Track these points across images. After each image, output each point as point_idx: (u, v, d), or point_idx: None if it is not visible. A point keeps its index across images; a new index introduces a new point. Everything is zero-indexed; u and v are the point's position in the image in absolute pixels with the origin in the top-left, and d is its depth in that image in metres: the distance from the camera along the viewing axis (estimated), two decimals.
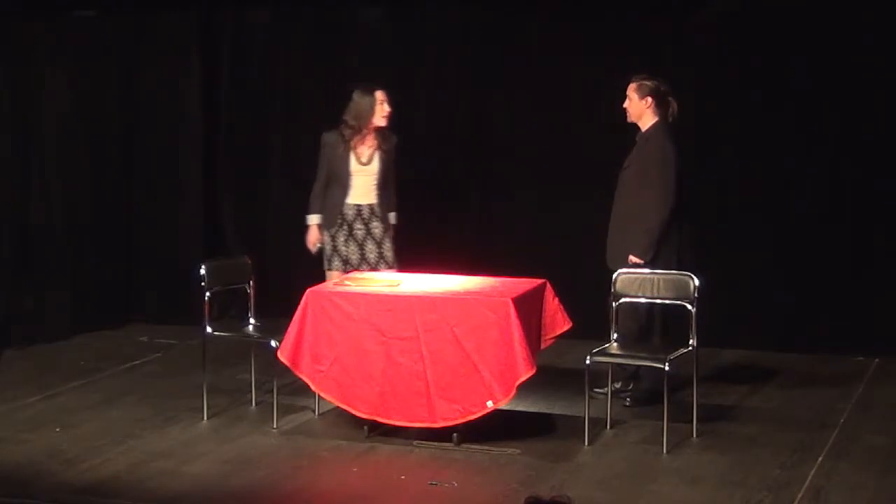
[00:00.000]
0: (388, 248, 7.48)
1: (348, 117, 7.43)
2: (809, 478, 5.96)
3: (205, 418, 7.01)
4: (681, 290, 6.64)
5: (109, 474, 6.10)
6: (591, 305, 7.12)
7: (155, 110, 9.55)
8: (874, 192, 8.25)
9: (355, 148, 7.44)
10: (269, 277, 8.28)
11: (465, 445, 6.41)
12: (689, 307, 6.58)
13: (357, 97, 7.43)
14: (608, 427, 6.68)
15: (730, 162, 8.48)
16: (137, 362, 8.40)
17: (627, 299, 6.79)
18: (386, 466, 6.23)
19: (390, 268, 7.43)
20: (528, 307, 6.51)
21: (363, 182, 7.45)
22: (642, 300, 6.81)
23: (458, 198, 9.03)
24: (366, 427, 6.56)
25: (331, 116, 9.15)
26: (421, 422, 6.41)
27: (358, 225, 7.46)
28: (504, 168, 8.97)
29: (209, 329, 7.07)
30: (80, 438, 6.67)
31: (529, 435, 6.61)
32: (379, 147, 7.45)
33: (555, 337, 6.80)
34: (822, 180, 8.33)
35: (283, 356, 6.61)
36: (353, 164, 7.44)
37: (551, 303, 6.76)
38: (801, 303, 8.37)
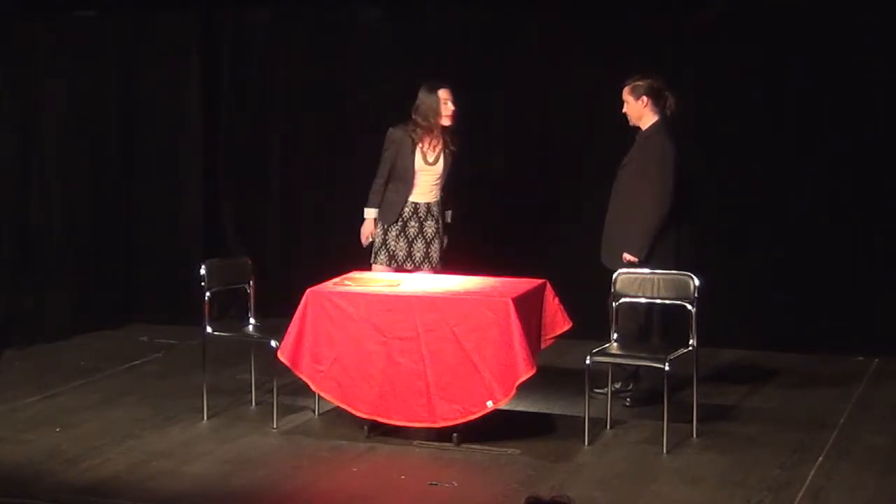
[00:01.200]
0: (435, 249, 7.46)
1: (417, 116, 7.36)
2: (809, 478, 5.96)
3: (205, 418, 7.01)
4: (681, 290, 6.64)
5: (109, 474, 6.10)
6: (591, 305, 7.11)
7: (155, 110, 9.54)
8: (874, 192, 8.24)
9: (423, 147, 7.39)
10: (269, 277, 8.28)
11: (465, 445, 6.41)
12: (689, 307, 6.58)
13: (422, 96, 7.37)
14: (608, 427, 6.68)
15: (730, 162, 8.48)
16: (137, 362, 8.40)
17: (627, 299, 6.79)
18: (386, 466, 6.23)
19: (434, 269, 7.41)
20: (528, 307, 6.51)
21: (426, 181, 7.42)
22: (642, 300, 6.81)
23: (458, 197, 9.02)
24: (366, 427, 6.56)
25: (331, 117, 9.19)
26: (421, 422, 6.41)
27: (412, 223, 7.44)
28: (504, 168, 8.96)
29: (209, 329, 7.07)
30: (80, 438, 6.67)
31: (529, 435, 6.61)
32: (445, 147, 7.40)
33: (555, 337, 6.80)
34: (822, 180, 8.33)
35: (283, 356, 6.61)
36: (419, 162, 7.39)
37: (551, 303, 6.76)
38: (801, 303, 8.36)
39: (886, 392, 7.52)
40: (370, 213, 7.51)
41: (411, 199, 7.43)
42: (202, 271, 7.02)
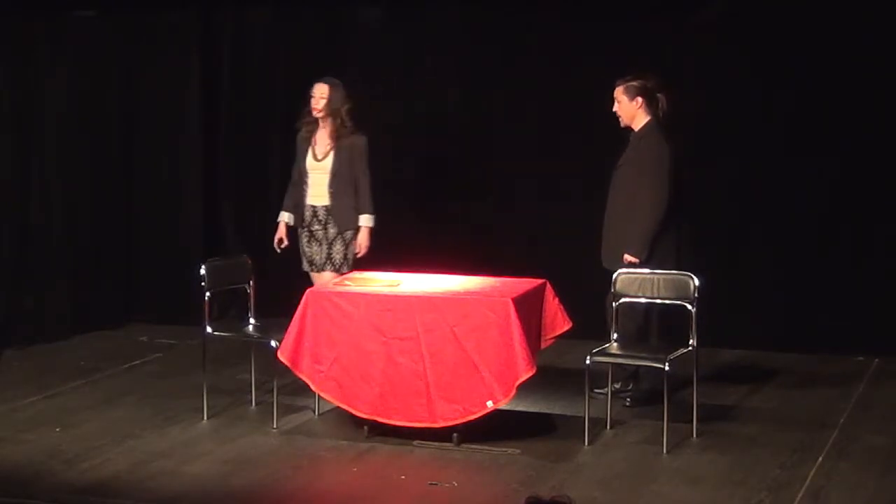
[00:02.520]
0: (337, 250, 7.49)
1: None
2: (809, 478, 5.96)
3: (205, 418, 7.01)
4: (681, 290, 6.64)
5: (109, 474, 6.10)
6: (591, 305, 7.12)
7: (155, 110, 9.54)
8: (874, 191, 8.24)
9: (314, 145, 7.52)
10: (269, 277, 8.27)
11: (465, 445, 6.41)
12: (689, 307, 6.58)
13: None
14: (608, 427, 6.68)
15: (730, 162, 8.48)
16: (137, 362, 8.40)
17: (627, 299, 6.78)
18: (386, 466, 6.23)
19: (336, 271, 7.46)
20: (528, 307, 6.51)
21: (319, 181, 7.51)
22: (642, 300, 6.81)
23: (458, 198, 9.03)
24: (366, 427, 6.56)
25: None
26: (421, 422, 6.40)
27: (316, 226, 7.53)
28: (504, 168, 8.96)
29: (209, 329, 7.07)
30: (80, 438, 6.67)
31: (529, 435, 6.61)
32: (336, 145, 7.46)
33: (555, 337, 6.80)
34: (822, 180, 8.32)
35: (283, 356, 6.61)
36: (310, 160, 7.54)
37: (551, 303, 6.75)
38: (801, 303, 8.37)
39: (886, 392, 7.52)
40: (281, 217, 7.67)
41: (308, 201, 7.54)
42: (202, 271, 7.02)
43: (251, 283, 7.33)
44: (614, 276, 6.79)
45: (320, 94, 7.46)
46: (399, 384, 6.41)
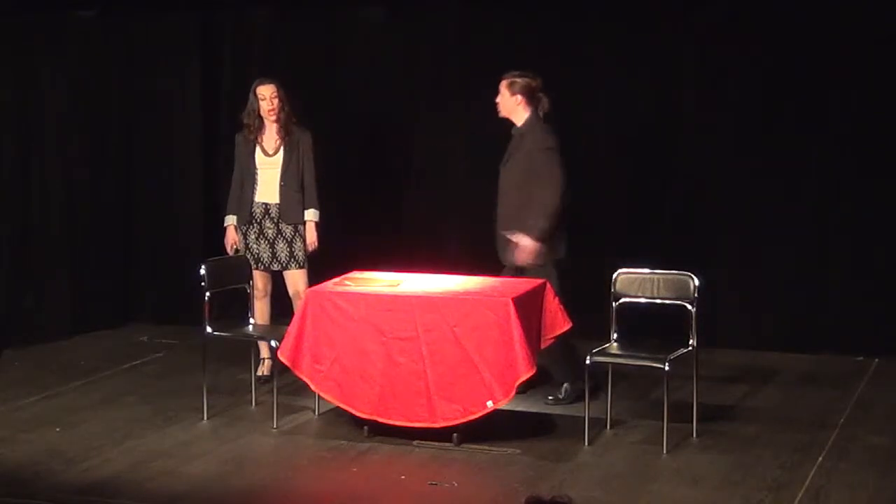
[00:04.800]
0: (299, 247, 7.54)
1: (244, 116, 7.61)
2: (809, 478, 5.96)
3: (205, 418, 7.01)
4: (681, 290, 6.64)
5: (109, 474, 6.10)
6: (592, 305, 7.11)
7: (155, 110, 9.54)
8: (874, 191, 8.23)
9: (260, 143, 7.57)
10: None
11: (465, 445, 6.41)
12: (689, 307, 6.58)
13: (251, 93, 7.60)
14: (608, 427, 6.68)
15: (729, 161, 8.47)
16: (137, 362, 8.40)
17: (627, 299, 6.78)
18: (386, 466, 6.23)
19: (301, 267, 7.51)
20: (528, 307, 6.51)
21: (270, 177, 7.55)
22: (641, 300, 6.79)
23: (459, 197, 9.02)
24: (366, 427, 6.56)
25: (331, 116, 9.17)
26: (421, 422, 6.41)
27: (268, 224, 7.55)
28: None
29: (209, 329, 7.07)
30: (80, 438, 6.67)
31: (529, 435, 6.61)
32: (287, 140, 7.53)
33: (555, 337, 6.79)
34: (823, 180, 8.32)
35: (283, 356, 6.62)
36: (259, 157, 7.59)
37: (551, 303, 6.75)
38: (801, 303, 8.36)
39: (886, 392, 7.51)
40: (228, 221, 7.67)
41: (259, 199, 7.56)
42: (202, 271, 7.02)
43: (251, 283, 7.34)
44: (614, 275, 6.78)
45: (271, 94, 7.52)
46: (399, 384, 6.41)
